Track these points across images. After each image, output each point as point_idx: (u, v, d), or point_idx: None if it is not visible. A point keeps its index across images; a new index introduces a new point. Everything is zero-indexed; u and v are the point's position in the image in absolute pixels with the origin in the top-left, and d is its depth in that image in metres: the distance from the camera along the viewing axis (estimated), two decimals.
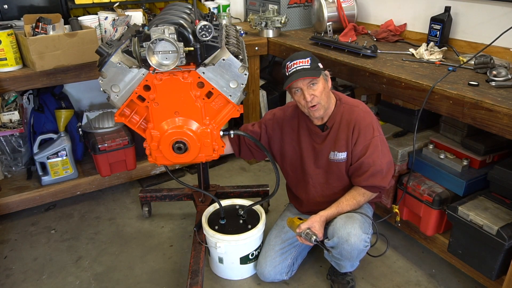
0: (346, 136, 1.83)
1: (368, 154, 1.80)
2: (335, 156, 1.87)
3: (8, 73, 2.14)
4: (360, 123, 1.81)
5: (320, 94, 1.76)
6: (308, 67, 1.74)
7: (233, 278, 2.09)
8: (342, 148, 1.84)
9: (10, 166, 2.70)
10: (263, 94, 3.15)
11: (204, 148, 1.68)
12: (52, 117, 2.58)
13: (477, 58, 1.95)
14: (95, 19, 2.44)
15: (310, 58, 1.75)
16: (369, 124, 1.82)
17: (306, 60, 1.74)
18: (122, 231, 2.46)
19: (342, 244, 1.76)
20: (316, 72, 1.74)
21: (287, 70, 1.77)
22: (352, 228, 1.75)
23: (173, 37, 1.45)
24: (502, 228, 1.71)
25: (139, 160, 2.74)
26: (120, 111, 1.64)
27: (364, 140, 1.81)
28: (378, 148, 1.80)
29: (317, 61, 1.78)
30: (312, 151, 1.93)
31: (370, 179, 1.80)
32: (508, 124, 1.53)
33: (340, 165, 1.87)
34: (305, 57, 1.75)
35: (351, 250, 1.76)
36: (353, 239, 1.73)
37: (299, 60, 1.75)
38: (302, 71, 1.73)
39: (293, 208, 2.17)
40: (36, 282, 2.09)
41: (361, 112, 1.84)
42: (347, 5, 2.81)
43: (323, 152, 1.90)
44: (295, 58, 1.76)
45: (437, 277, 2.08)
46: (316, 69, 1.75)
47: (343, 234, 1.75)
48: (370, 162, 1.79)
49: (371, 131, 1.81)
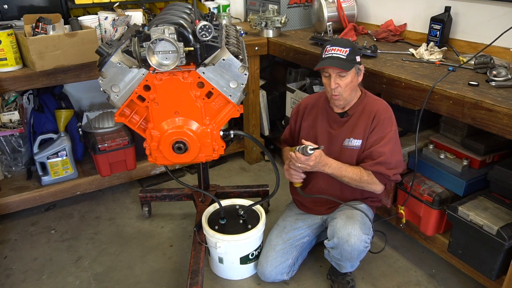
0: (365, 124, 1.84)
1: (381, 144, 1.80)
2: (350, 143, 1.87)
3: (8, 73, 2.14)
4: (381, 114, 1.83)
5: (345, 86, 1.78)
6: (343, 57, 1.75)
7: (233, 278, 2.09)
8: (359, 136, 1.85)
9: (10, 166, 2.70)
10: (263, 94, 3.15)
11: (204, 148, 1.68)
12: (52, 117, 2.58)
13: (477, 58, 1.95)
14: (95, 19, 2.44)
15: (350, 49, 1.75)
16: (389, 118, 1.84)
17: (345, 50, 1.75)
18: (122, 231, 2.46)
19: (342, 244, 1.76)
20: (347, 65, 1.75)
21: (325, 53, 1.80)
22: (352, 228, 1.75)
23: (173, 37, 1.45)
24: (502, 228, 1.71)
25: (139, 160, 2.74)
26: (120, 111, 1.64)
27: (381, 131, 1.82)
28: (392, 142, 1.82)
29: (356, 53, 1.78)
30: (327, 136, 1.93)
31: (376, 166, 1.80)
32: (508, 124, 1.53)
33: (353, 152, 1.87)
34: (345, 46, 1.76)
35: (351, 251, 1.76)
36: (353, 240, 1.73)
37: (339, 48, 1.77)
38: (336, 59, 1.75)
39: (294, 207, 2.16)
40: (36, 282, 2.09)
41: (383, 105, 1.87)
42: (347, 5, 2.81)
43: (338, 138, 1.90)
44: (336, 44, 1.78)
45: (437, 277, 2.08)
46: (351, 61, 1.76)
47: (343, 234, 1.75)
48: (381, 151, 1.80)
49: (389, 124, 1.83)
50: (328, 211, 2.02)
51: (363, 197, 1.98)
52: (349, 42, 1.82)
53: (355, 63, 1.78)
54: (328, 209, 2.01)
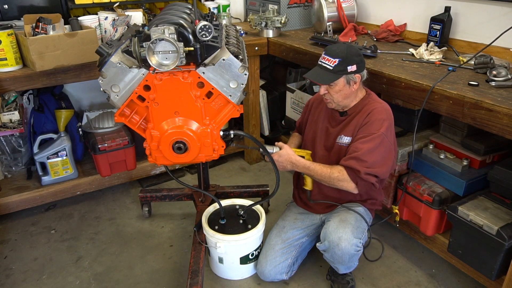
0: (357, 122, 1.82)
1: (361, 141, 1.76)
2: (341, 140, 1.87)
3: (8, 73, 2.14)
4: (374, 115, 1.79)
5: (335, 93, 1.80)
6: (330, 68, 1.75)
7: (233, 278, 2.09)
8: (349, 133, 1.84)
9: (10, 166, 2.70)
10: (263, 94, 3.15)
11: (204, 148, 1.68)
12: (52, 117, 2.59)
13: (477, 58, 1.95)
14: (95, 19, 2.44)
15: (339, 60, 1.73)
16: (381, 119, 1.78)
17: (334, 61, 1.75)
18: (122, 231, 2.46)
19: (333, 248, 1.77)
20: (331, 77, 1.75)
21: (318, 59, 1.82)
22: (343, 232, 1.75)
23: (173, 37, 1.45)
24: (502, 228, 1.71)
25: (139, 160, 2.74)
26: (120, 111, 1.64)
27: (368, 130, 1.77)
28: (374, 142, 1.73)
29: (349, 63, 1.74)
30: (325, 133, 1.95)
31: (348, 160, 1.76)
32: (508, 124, 1.53)
33: (342, 149, 1.86)
34: (336, 56, 1.75)
35: (342, 255, 1.76)
36: (344, 244, 1.73)
37: (328, 58, 1.77)
38: (322, 69, 1.78)
39: (293, 207, 2.17)
40: (36, 282, 2.09)
41: (381, 107, 1.82)
42: (347, 5, 2.81)
43: (333, 135, 1.91)
44: (329, 52, 1.78)
45: (437, 277, 2.08)
46: (338, 72, 1.74)
47: (334, 238, 1.76)
48: (358, 147, 1.75)
49: (379, 126, 1.76)
50: (326, 210, 2.02)
51: (363, 199, 1.97)
52: (342, 51, 1.75)
53: (345, 73, 1.75)
54: (326, 208, 2.02)
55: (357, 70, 1.77)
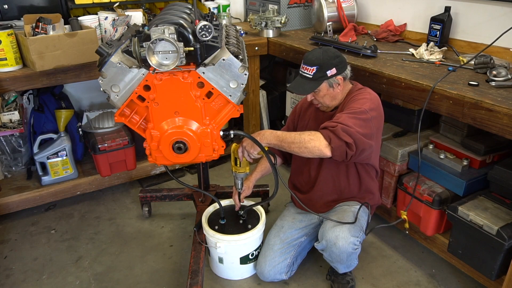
0: (343, 106, 1.83)
1: (343, 112, 1.72)
2: None
3: (8, 73, 2.14)
4: (358, 96, 1.80)
5: (321, 98, 1.85)
6: (310, 77, 1.79)
7: (233, 278, 2.09)
8: None
9: (10, 166, 2.70)
10: (263, 94, 3.15)
11: (204, 148, 1.68)
12: (52, 117, 2.59)
13: (477, 58, 1.95)
14: (95, 19, 2.44)
15: (317, 67, 1.76)
16: (364, 99, 1.76)
17: (312, 69, 1.77)
18: (122, 231, 2.46)
19: (330, 247, 1.77)
20: (312, 85, 1.78)
21: (299, 70, 1.84)
22: (340, 231, 1.75)
23: (173, 37, 1.45)
24: (502, 228, 1.71)
25: (139, 160, 2.74)
26: (120, 111, 1.64)
27: (351, 106, 1.74)
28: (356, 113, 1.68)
29: (327, 68, 1.75)
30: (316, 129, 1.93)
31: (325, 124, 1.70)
32: (508, 124, 1.53)
33: None
34: (313, 64, 1.77)
35: (340, 254, 1.76)
36: (341, 242, 1.74)
37: (307, 67, 1.80)
38: (303, 79, 1.81)
39: (292, 207, 2.17)
40: (36, 282, 2.09)
41: (364, 91, 1.83)
42: (347, 5, 2.81)
43: None
44: (305, 61, 1.81)
45: (437, 277, 2.08)
46: (318, 79, 1.77)
47: (331, 237, 1.76)
48: (338, 115, 1.70)
49: (361, 103, 1.73)
50: (324, 209, 2.02)
51: (360, 194, 1.97)
52: (318, 58, 1.76)
53: (325, 78, 1.77)
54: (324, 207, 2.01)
55: (338, 73, 1.78)
